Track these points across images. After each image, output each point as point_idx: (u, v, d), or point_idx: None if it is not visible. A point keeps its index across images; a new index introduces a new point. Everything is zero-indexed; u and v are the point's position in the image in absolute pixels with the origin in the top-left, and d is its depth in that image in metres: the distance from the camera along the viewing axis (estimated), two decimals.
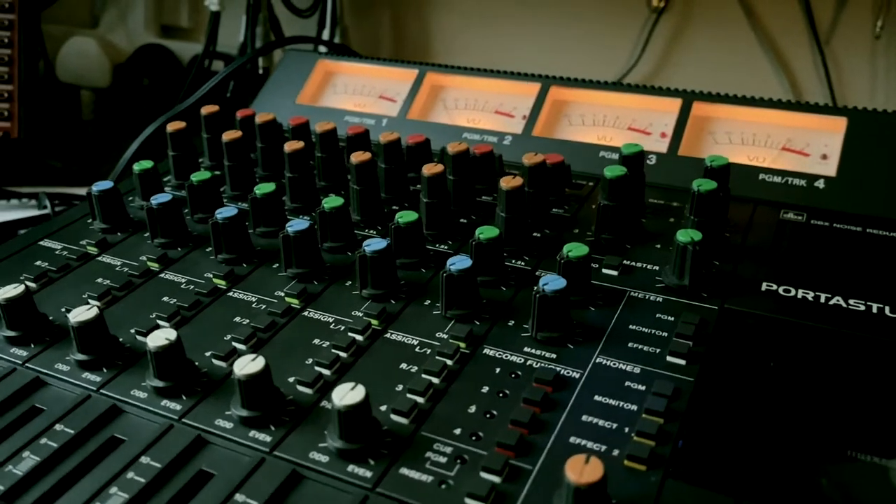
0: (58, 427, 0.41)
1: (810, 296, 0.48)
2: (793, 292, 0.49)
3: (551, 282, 0.45)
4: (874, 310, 0.47)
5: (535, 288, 0.45)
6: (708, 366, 0.43)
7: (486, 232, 0.50)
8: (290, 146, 0.59)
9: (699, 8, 1.02)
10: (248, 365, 0.40)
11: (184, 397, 0.42)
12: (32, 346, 0.46)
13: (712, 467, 0.37)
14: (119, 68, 1.11)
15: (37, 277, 0.53)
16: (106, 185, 0.59)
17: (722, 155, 0.56)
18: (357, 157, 0.57)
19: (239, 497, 0.36)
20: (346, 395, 0.38)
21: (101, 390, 0.43)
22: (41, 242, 0.58)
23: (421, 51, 1.15)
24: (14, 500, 0.37)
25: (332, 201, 0.54)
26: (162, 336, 0.42)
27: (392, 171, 0.60)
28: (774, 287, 0.49)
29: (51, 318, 0.49)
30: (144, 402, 0.42)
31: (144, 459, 0.39)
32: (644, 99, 0.68)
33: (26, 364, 0.45)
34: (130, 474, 0.38)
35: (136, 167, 0.61)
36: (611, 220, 0.54)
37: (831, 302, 0.48)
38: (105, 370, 0.45)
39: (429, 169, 0.55)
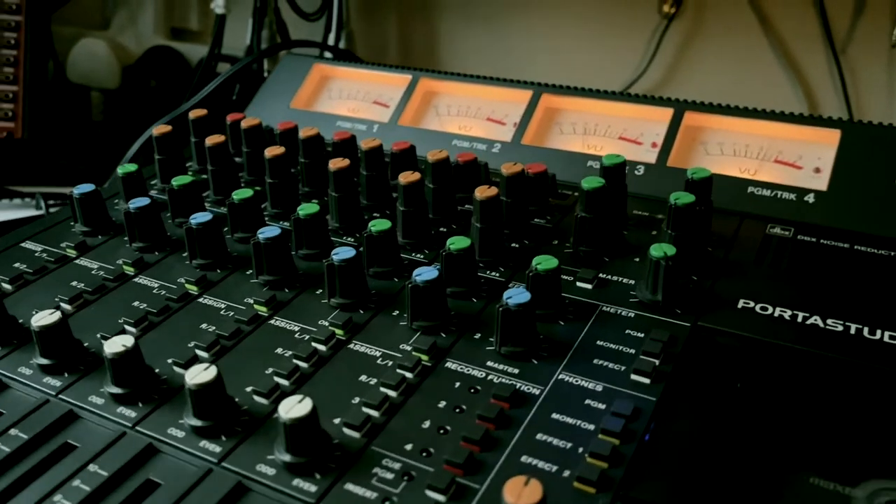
0: (12, 431, 0.41)
1: (787, 314, 0.47)
2: (770, 310, 0.47)
3: (515, 295, 0.44)
4: (852, 331, 0.45)
5: (500, 302, 0.44)
6: (674, 385, 0.42)
7: (457, 243, 0.49)
8: (271, 151, 0.59)
9: (711, 14, 1.00)
10: (199, 374, 0.39)
11: (140, 405, 0.42)
12: (66, 374, 0.45)
13: (669, 489, 0.36)
14: (128, 70, 1.12)
15: (12, 280, 0.53)
16: (87, 187, 0.59)
17: (705, 167, 0.55)
18: (335, 163, 0.56)
19: None
20: (293, 407, 0.37)
21: (60, 395, 0.43)
22: (22, 244, 0.58)
23: (427, 56, 1.15)
24: None
25: (307, 208, 0.54)
26: (119, 342, 0.42)
27: (373, 178, 0.60)
28: (752, 304, 0.48)
29: (20, 321, 0.49)
30: (101, 408, 0.42)
31: (92, 467, 0.38)
32: (636, 108, 0.67)
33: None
34: (77, 482, 0.38)
35: (120, 170, 0.61)
36: (588, 233, 0.53)
37: (808, 322, 0.46)
38: (66, 375, 0.44)
39: (405, 177, 0.54)
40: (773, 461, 0.38)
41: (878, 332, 0.45)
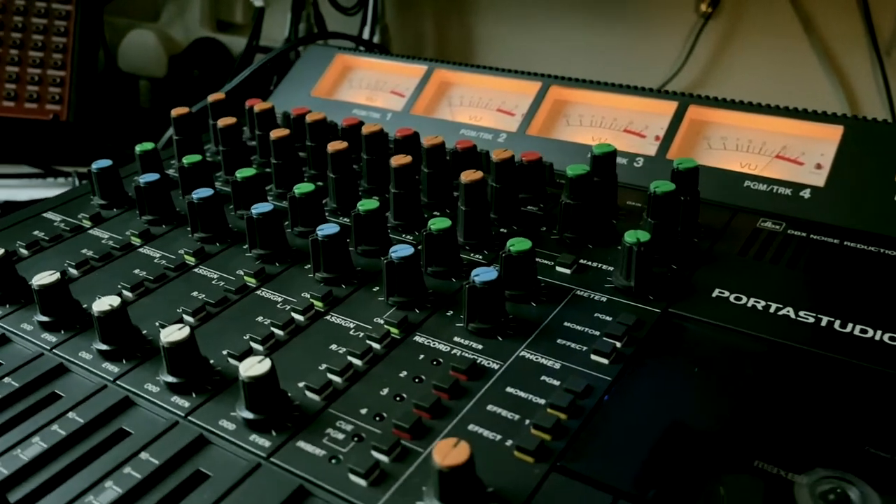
0: (70, 415, 0.41)
1: (760, 305, 0.47)
2: (744, 300, 0.47)
3: (483, 274, 0.45)
4: (822, 323, 0.45)
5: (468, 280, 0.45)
6: (633, 366, 0.43)
7: (437, 223, 0.51)
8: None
9: (749, 13, 0.99)
10: (173, 333, 0.42)
11: (123, 361, 0.45)
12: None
13: (605, 465, 0.37)
14: (174, 59, 1.17)
15: (29, 245, 0.57)
16: (105, 163, 0.62)
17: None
18: (397, 160, 0.56)
19: (143, 455, 0.39)
20: (253, 367, 0.39)
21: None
22: (44, 214, 0.62)
23: (462, 54, 1.16)
24: (16, 485, 0.38)
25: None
26: (105, 303, 0.45)
27: (373, 161, 0.62)
28: (726, 294, 0.48)
29: (30, 283, 0.52)
30: (89, 362, 0.45)
31: (72, 414, 0.41)
32: (642, 101, 0.67)
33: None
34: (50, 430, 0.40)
35: (138, 148, 0.64)
36: (572, 219, 0.54)
37: (780, 312, 0.46)
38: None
39: (396, 160, 0.56)
40: (720, 445, 0.38)
41: (850, 326, 0.45)
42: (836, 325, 0.45)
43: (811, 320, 0.45)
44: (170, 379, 0.43)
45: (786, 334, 0.44)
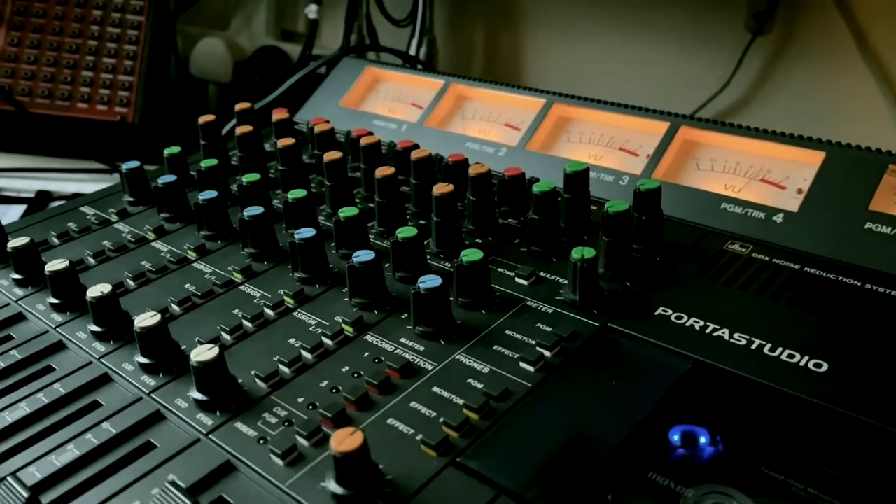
0: (104, 425, 0.44)
1: (698, 325, 0.48)
2: (683, 320, 0.49)
3: (428, 281, 0.49)
4: (753, 346, 0.46)
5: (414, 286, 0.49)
6: (557, 375, 0.45)
7: (404, 232, 0.54)
8: (381, 172, 0.60)
9: (802, 32, 0.97)
10: (145, 319, 0.48)
11: (111, 342, 0.51)
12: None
13: (501, 465, 0.40)
14: (238, 66, 1.25)
15: (60, 235, 0.65)
16: (133, 164, 0.69)
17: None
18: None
19: (105, 425, 0.44)
20: (203, 353, 0.44)
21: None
22: (81, 208, 0.70)
23: (509, 69, 1.19)
24: (48, 488, 0.40)
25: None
26: (98, 290, 0.51)
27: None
28: (669, 313, 0.50)
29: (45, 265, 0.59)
30: (84, 341, 0.51)
31: (58, 385, 0.47)
32: (637, 120, 0.69)
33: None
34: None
35: (166, 151, 0.71)
36: (538, 233, 0.56)
37: (715, 333, 0.48)
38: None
39: (380, 172, 0.60)
40: (618, 455, 0.40)
41: (778, 350, 0.46)
42: (766, 348, 0.46)
43: (743, 343, 0.47)
44: (141, 360, 0.48)
45: (712, 354, 0.46)
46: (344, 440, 0.37)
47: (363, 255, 0.52)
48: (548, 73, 1.16)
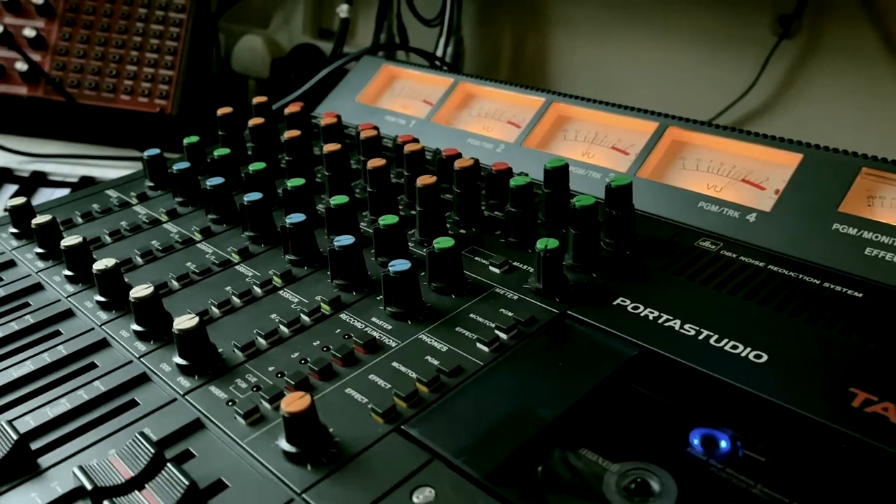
0: (96, 383, 0.49)
1: (652, 315, 0.51)
2: (639, 310, 0.51)
3: (398, 265, 0.52)
4: (701, 337, 0.48)
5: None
6: (510, 356, 0.48)
7: (386, 219, 0.58)
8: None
9: (828, 37, 0.97)
10: (140, 290, 0.52)
11: (114, 311, 0.56)
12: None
13: (441, 434, 0.43)
14: (275, 63, 1.31)
15: (83, 215, 0.70)
16: (154, 151, 0.75)
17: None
18: (373, 162, 0.63)
19: (96, 383, 0.49)
20: (184, 321, 0.49)
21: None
22: (106, 191, 0.75)
23: (536, 70, 1.22)
24: (39, 436, 0.45)
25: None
26: (103, 263, 0.56)
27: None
28: (627, 303, 0.52)
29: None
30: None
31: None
32: (630, 120, 0.71)
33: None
34: None
35: (185, 140, 0.76)
36: (514, 225, 0.59)
37: (667, 323, 0.50)
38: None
39: (372, 163, 0.64)
40: (555, 431, 0.43)
41: (724, 341, 0.48)
42: (713, 339, 0.48)
43: (692, 333, 0.49)
44: (137, 328, 0.53)
45: (659, 343, 0.48)
46: (293, 402, 0.41)
47: (343, 240, 0.56)
48: (574, 75, 1.18)
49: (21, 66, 1.10)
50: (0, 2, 1.13)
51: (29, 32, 1.12)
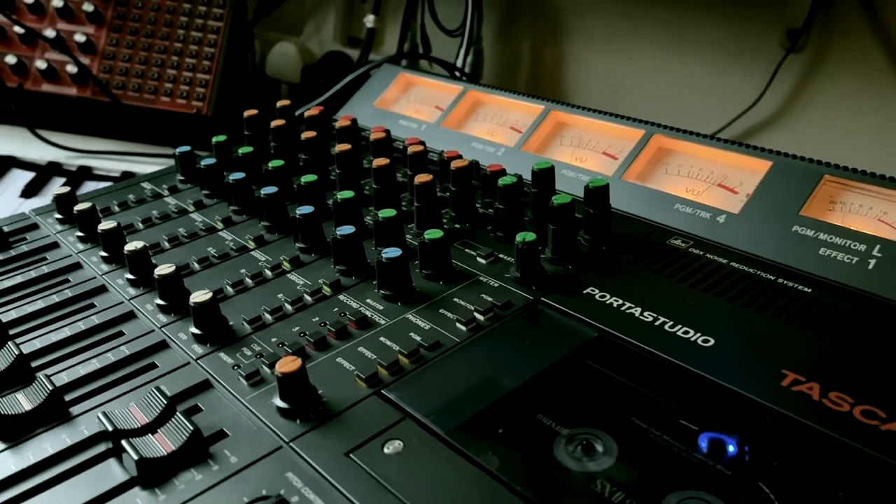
0: (122, 348, 0.57)
1: (616, 303, 0.56)
2: (606, 299, 0.57)
3: (389, 252, 0.58)
4: (657, 323, 0.54)
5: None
6: (486, 335, 0.54)
7: (385, 213, 0.64)
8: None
9: (836, 52, 1.00)
10: (164, 269, 0.59)
11: (141, 288, 0.63)
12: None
13: (414, 399, 0.49)
14: (307, 69, 1.38)
15: (120, 204, 0.78)
16: (185, 148, 0.82)
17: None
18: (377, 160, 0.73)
19: (122, 348, 0.56)
20: (199, 296, 0.55)
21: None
22: (141, 184, 0.83)
23: (553, 80, 1.27)
24: (72, 390, 0.52)
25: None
26: (134, 245, 0.63)
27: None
28: (595, 292, 0.58)
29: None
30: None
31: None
32: (621, 128, 0.76)
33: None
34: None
35: (214, 139, 0.83)
36: (502, 221, 0.65)
37: (628, 311, 0.55)
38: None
39: (377, 162, 0.70)
40: (516, 400, 0.49)
41: (678, 327, 0.53)
42: (667, 325, 0.53)
43: (649, 319, 0.54)
44: (160, 302, 0.60)
45: (618, 326, 0.53)
46: (286, 364, 0.47)
47: (345, 230, 0.62)
48: (588, 84, 1.23)
49: (71, 68, 1.19)
50: (54, 8, 1.23)
51: (79, 38, 1.21)
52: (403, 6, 1.25)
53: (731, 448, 0.45)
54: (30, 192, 1.05)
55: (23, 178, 1.09)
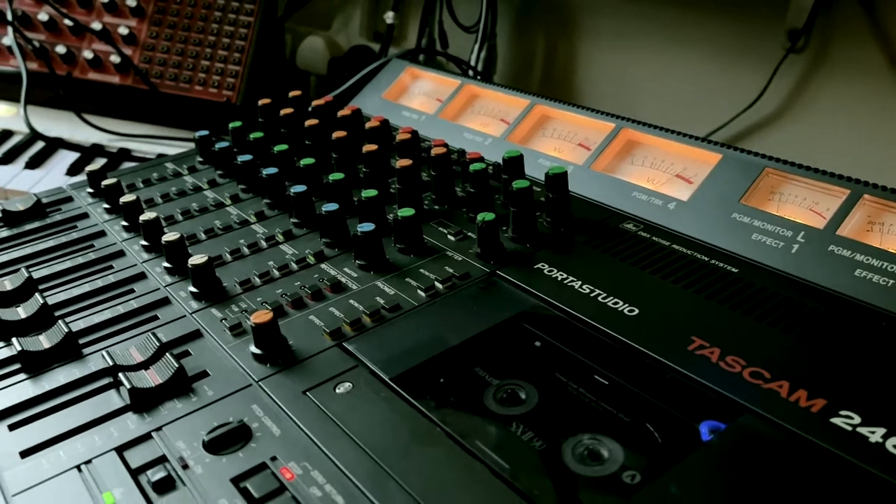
0: (131, 302, 0.66)
1: (560, 277, 0.63)
2: (553, 273, 0.64)
3: (364, 226, 0.66)
4: (600, 298, 0.60)
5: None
6: (442, 301, 0.61)
7: (368, 193, 0.72)
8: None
9: (836, 53, 1.04)
10: (170, 236, 0.68)
11: (153, 253, 0.72)
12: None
13: (373, 354, 0.56)
14: (333, 61, 1.47)
15: (144, 181, 0.87)
16: (204, 132, 0.91)
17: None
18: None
19: (131, 302, 0.65)
20: (196, 259, 0.64)
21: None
22: (165, 164, 0.92)
23: (563, 79, 1.33)
24: (87, 335, 0.61)
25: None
26: (148, 215, 0.72)
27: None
28: (545, 268, 0.64)
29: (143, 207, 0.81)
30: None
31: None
32: (593, 122, 0.83)
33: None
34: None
35: (231, 125, 0.92)
36: (472, 203, 0.72)
37: (570, 284, 0.62)
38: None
39: (366, 148, 0.78)
40: (459, 356, 0.56)
41: (619, 304, 0.59)
42: (601, 297, 0.60)
43: (586, 291, 0.61)
44: (167, 265, 0.69)
45: (559, 297, 0.60)
46: (260, 316, 0.56)
47: (330, 206, 0.70)
48: (596, 81, 1.29)
49: (115, 58, 1.30)
50: (101, 3, 1.33)
51: (123, 30, 1.31)
52: (423, 2, 1.33)
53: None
54: (75, 170, 1.16)
55: (69, 157, 1.20)
